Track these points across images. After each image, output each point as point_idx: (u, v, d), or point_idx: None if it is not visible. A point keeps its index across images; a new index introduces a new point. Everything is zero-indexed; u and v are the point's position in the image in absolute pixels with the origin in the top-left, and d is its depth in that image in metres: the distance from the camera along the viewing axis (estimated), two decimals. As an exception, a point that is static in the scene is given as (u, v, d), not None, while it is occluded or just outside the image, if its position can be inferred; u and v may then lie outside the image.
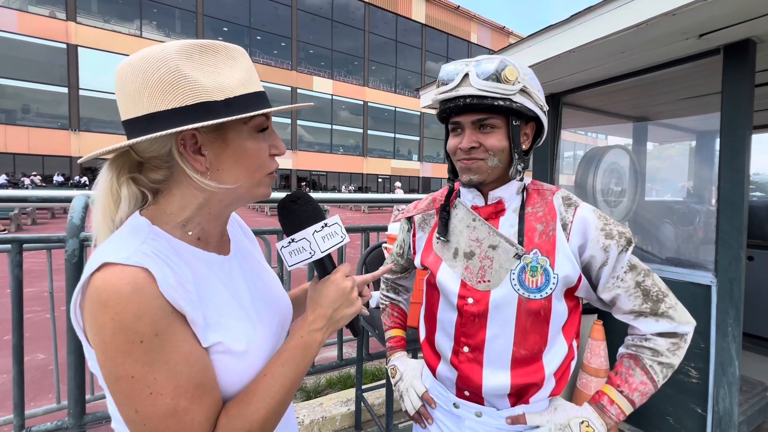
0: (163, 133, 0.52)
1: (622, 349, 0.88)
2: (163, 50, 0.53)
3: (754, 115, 1.67)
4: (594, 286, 0.85)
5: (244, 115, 0.55)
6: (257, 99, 0.59)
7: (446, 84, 0.83)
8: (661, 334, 0.82)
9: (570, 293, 0.85)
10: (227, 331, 0.58)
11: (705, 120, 3.09)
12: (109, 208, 0.58)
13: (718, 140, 1.72)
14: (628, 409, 0.81)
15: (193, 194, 0.59)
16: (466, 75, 0.80)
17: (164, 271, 0.52)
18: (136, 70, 0.53)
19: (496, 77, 0.78)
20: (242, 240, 0.77)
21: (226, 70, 0.56)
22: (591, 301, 0.90)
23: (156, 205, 0.60)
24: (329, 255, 0.68)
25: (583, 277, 0.83)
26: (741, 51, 1.63)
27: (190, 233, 0.61)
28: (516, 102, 0.80)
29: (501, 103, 0.79)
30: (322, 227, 0.66)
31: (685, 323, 0.82)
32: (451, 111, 0.83)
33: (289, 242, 0.66)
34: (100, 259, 0.50)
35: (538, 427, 0.85)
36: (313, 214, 0.68)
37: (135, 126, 0.54)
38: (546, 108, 0.87)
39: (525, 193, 0.88)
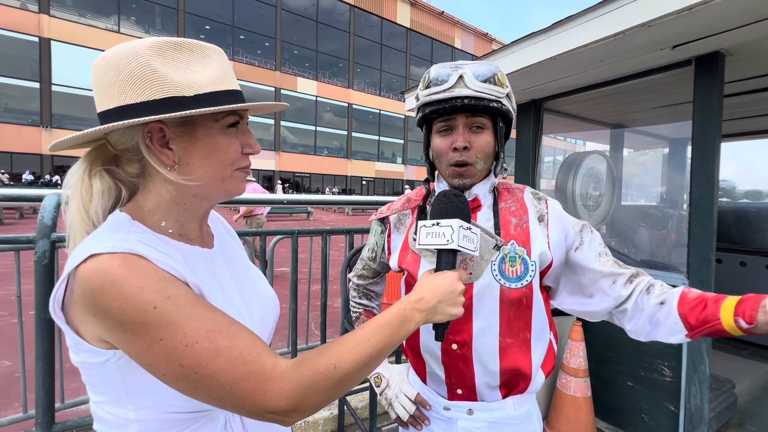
0: (126, 122, 0.52)
1: (651, 317, 0.79)
2: (136, 46, 0.54)
3: (723, 124, 1.75)
4: (578, 270, 0.89)
5: (208, 109, 0.54)
6: (229, 97, 0.58)
7: (439, 84, 0.84)
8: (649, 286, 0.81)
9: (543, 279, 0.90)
10: None
11: (677, 128, 3.21)
12: (83, 198, 0.57)
13: (689, 148, 1.79)
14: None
15: (165, 189, 0.59)
16: (461, 77, 0.82)
17: (155, 255, 0.52)
18: (109, 63, 0.54)
19: (492, 80, 0.82)
20: (227, 238, 0.77)
21: (199, 68, 0.57)
22: (568, 300, 0.92)
23: (134, 202, 0.60)
24: (455, 256, 0.71)
25: (554, 262, 0.87)
26: (711, 63, 1.70)
27: (170, 231, 0.61)
28: (504, 105, 0.85)
29: (495, 105, 0.83)
30: (468, 228, 0.70)
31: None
32: (445, 111, 0.84)
33: (433, 224, 0.71)
34: (84, 252, 0.49)
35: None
36: (466, 213, 0.73)
37: (106, 118, 0.55)
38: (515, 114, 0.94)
39: (496, 192, 0.94)
